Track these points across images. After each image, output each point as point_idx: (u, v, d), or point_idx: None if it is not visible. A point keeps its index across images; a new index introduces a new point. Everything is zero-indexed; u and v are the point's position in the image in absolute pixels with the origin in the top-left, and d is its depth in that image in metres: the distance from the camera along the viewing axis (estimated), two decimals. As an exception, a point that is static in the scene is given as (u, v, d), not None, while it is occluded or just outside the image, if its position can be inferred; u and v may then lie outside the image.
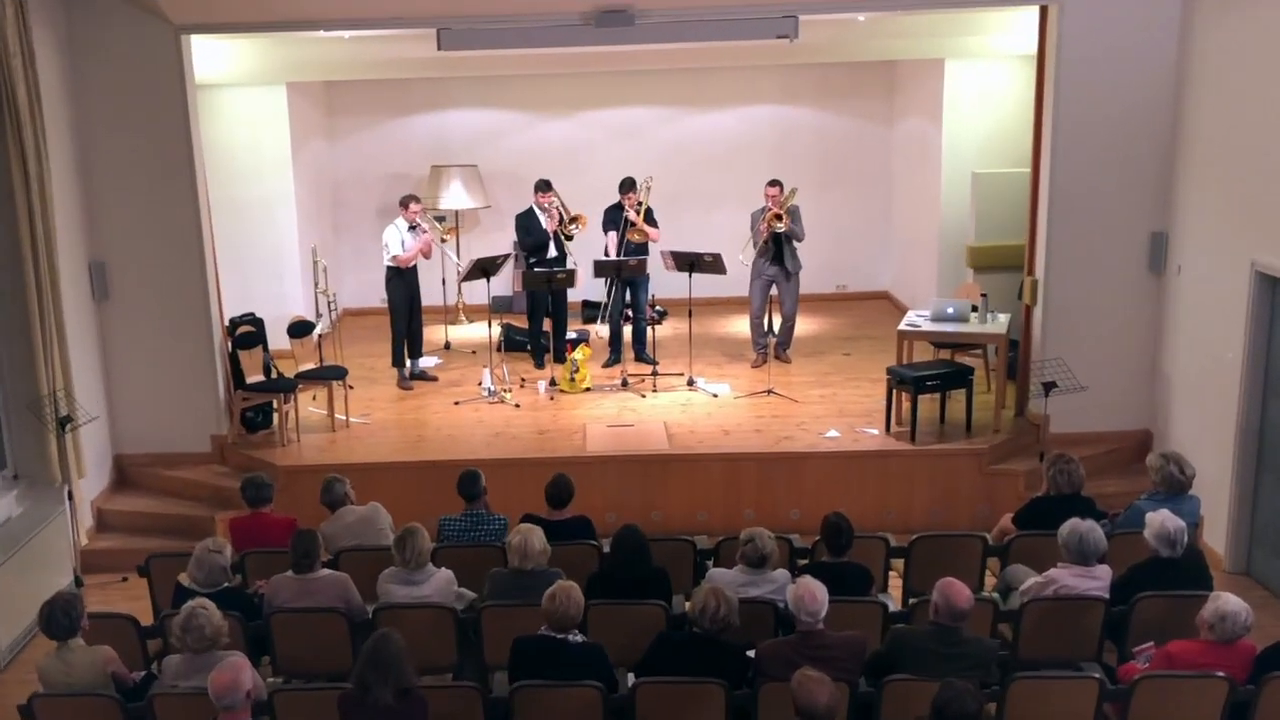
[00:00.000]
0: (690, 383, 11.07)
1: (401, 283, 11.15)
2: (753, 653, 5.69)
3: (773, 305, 11.49)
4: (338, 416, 10.35)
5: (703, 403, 10.66)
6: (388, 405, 10.92)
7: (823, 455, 9.52)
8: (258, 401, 10.22)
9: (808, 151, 14.01)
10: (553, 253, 11.54)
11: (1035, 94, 9.79)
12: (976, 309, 10.23)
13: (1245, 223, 8.36)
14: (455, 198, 13.58)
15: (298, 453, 9.87)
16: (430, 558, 6.54)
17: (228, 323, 10.30)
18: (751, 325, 11.77)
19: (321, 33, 10.51)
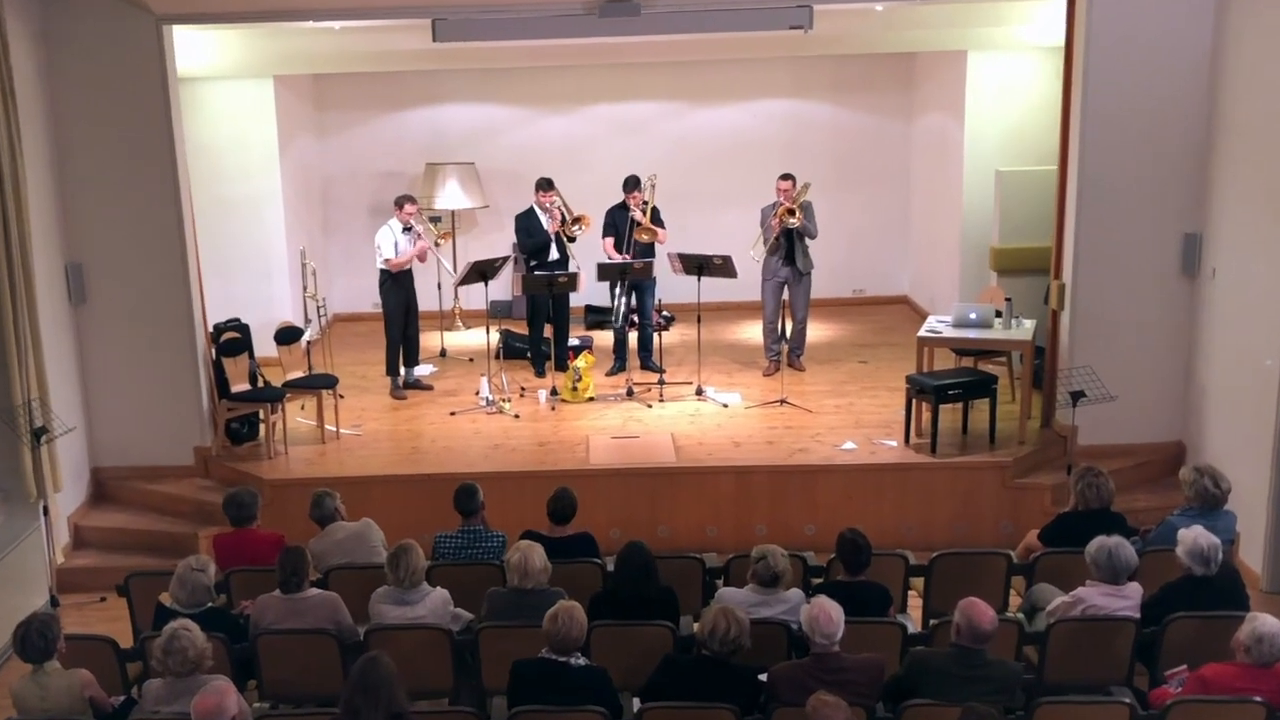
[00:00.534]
0: (699, 392, 11.09)
1: (397, 287, 11.16)
2: (765, 676, 5.70)
3: (785, 310, 11.50)
4: (328, 427, 10.37)
5: (712, 413, 10.68)
6: (380, 415, 10.93)
7: (838, 468, 9.53)
8: (243, 412, 10.24)
9: (822, 149, 14.02)
10: (554, 255, 11.56)
11: (1062, 87, 9.80)
12: (1000, 314, 10.22)
13: (1284, 223, 8.37)
14: (451, 197, 13.61)
15: (285, 466, 9.89)
16: (425, 576, 6.57)
17: (212, 328, 10.33)
18: (764, 331, 11.78)
19: (310, 23, 10.55)
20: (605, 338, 12.40)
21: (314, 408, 10.46)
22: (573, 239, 11.60)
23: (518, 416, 10.70)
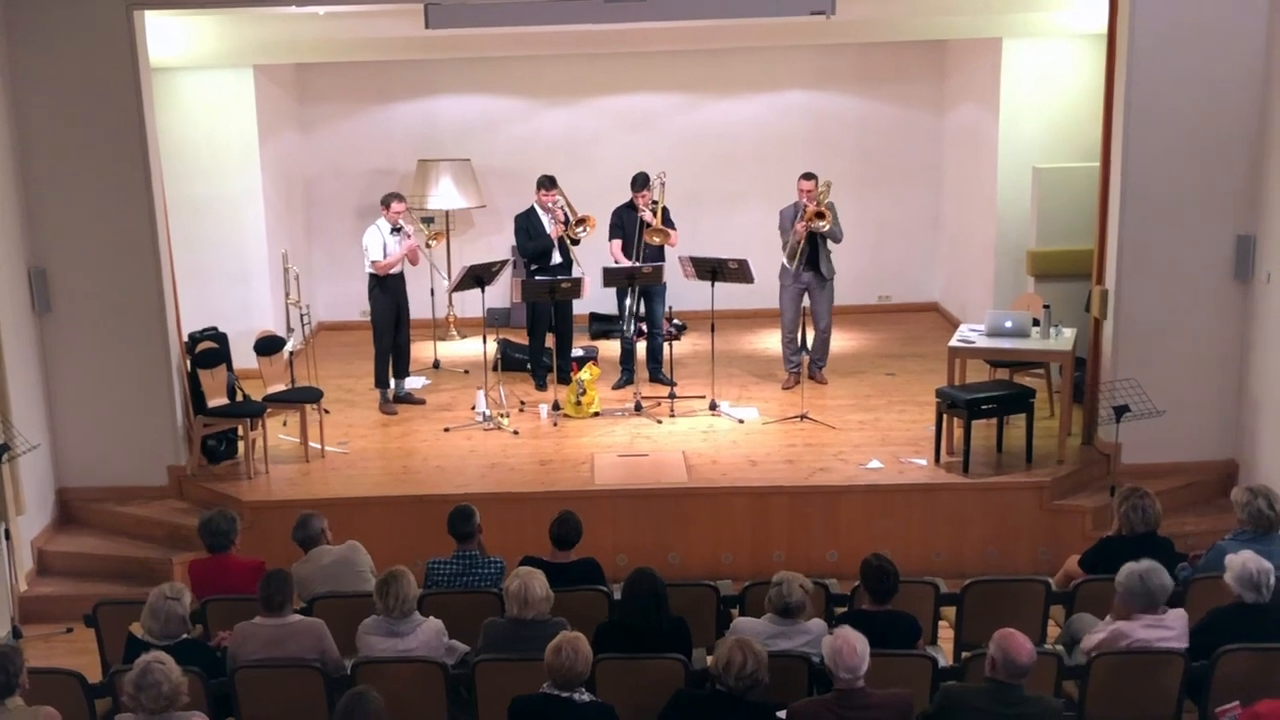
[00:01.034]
0: (713, 406, 11.12)
1: (386, 293, 11.19)
2: (784, 714, 5.71)
3: (806, 318, 11.50)
4: (312, 445, 10.40)
5: (727, 429, 10.70)
6: (369, 432, 10.97)
7: (863, 489, 9.55)
8: (221, 428, 10.28)
9: (845, 144, 14.04)
10: (556, 259, 11.59)
11: (1105, 77, 9.82)
12: (1038, 323, 10.24)
13: (1345, 224, 8.39)
14: (445, 196, 13.64)
15: (266, 486, 9.92)
16: (417, 605, 6.58)
17: (186, 338, 10.36)
18: (782, 341, 11.80)
19: (293, 8, 10.59)
20: (611, 348, 12.43)
21: (297, 424, 10.49)
22: (576, 241, 11.63)
23: (517, 433, 10.73)
